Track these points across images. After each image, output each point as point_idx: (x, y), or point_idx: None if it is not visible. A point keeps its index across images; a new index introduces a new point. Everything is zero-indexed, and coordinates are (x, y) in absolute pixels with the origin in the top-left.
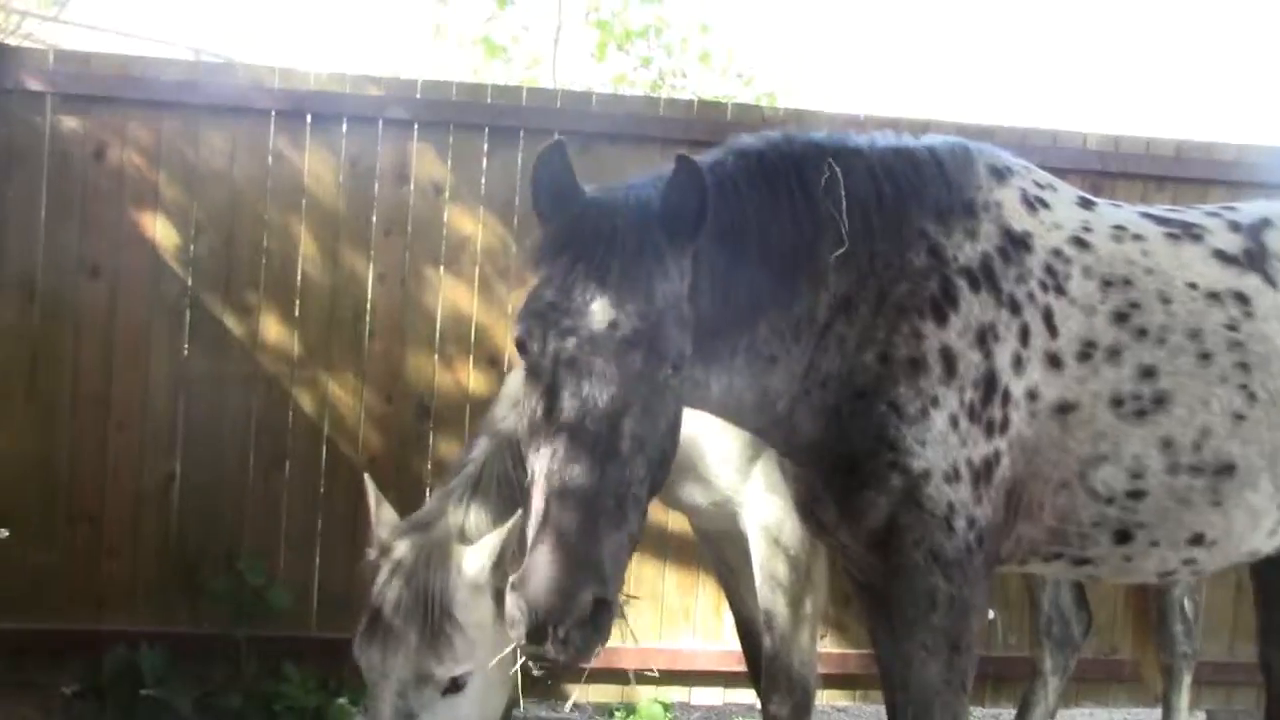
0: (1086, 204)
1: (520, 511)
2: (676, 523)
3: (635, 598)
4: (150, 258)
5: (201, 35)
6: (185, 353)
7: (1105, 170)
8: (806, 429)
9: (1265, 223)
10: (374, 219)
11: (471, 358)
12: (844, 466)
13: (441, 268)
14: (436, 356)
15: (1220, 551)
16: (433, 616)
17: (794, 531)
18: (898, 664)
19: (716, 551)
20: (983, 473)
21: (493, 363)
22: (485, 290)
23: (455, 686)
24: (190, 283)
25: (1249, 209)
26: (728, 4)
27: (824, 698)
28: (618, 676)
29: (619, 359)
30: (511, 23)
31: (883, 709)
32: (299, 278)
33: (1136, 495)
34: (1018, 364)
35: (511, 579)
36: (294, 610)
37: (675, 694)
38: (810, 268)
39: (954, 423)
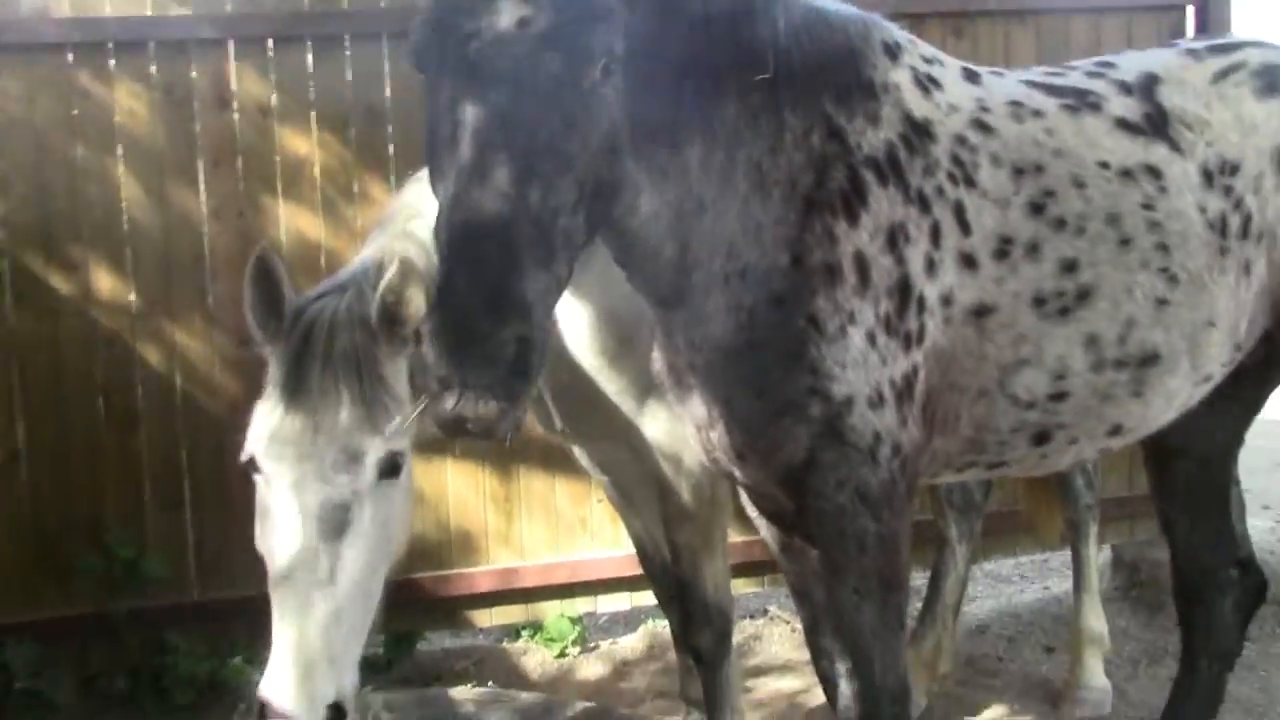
0: (972, 77)
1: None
2: None
3: None
4: None
5: None
6: (10, 320)
7: (965, 10)
8: (716, 325)
9: (1153, 79)
10: (198, 151)
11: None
12: (753, 387)
13: (279, 195)
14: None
15: (1134, 436)
16: (364, 377)
17: (694, 457)
18: (829, 610)
19: (610, 478)
20: (904, 392)
21: None
22: (330, 213)
23: (392, 469)
24: (5, 242)
25: (1127, 64)
26: None
27: (734, 586)
28: (520, 596)
29: (533, 60)
30: None
31: None
32: (125, 224)
33: (1059, 397)
34: (930, 267)
35: (422, 326)
36: (171, 577)
37: (581, 605)
38: (737, 88)
39: (871, 339)
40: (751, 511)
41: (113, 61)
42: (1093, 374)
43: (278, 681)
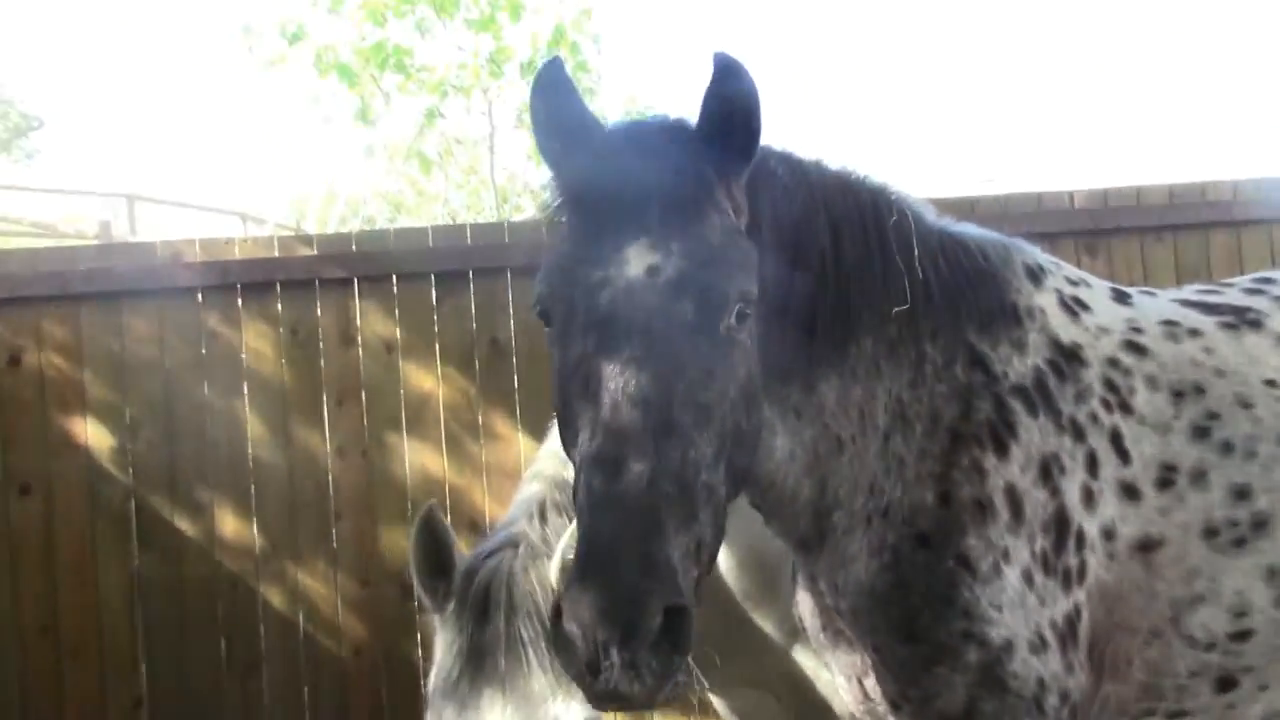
0: (1122, 298)
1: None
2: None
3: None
4: (85, 464)
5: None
6: (136, 562)
7: (1098, 228)
8: (859, 567)
9: None
10: (323, 388)
11: (450, 523)
12: (904, 632)
13: (404, 431)
14: (412, 529)
15: None
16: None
17: (843, 705)
18: None
19: None
20: (1068, 635)
21: (473, 527)
22: (454, 449)
23: None
24: (132, 484)
25: None
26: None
27: None
28: None
29: (665, 309)
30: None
31: None
32: (250, 463)
33: (1241, 636)
34: (1089, 499)
35: (557, 600)
36: None
37: None
38: (872, 321)
39: (1029, 579)
40: None
41: (240, 302)
42: (1277, 609)
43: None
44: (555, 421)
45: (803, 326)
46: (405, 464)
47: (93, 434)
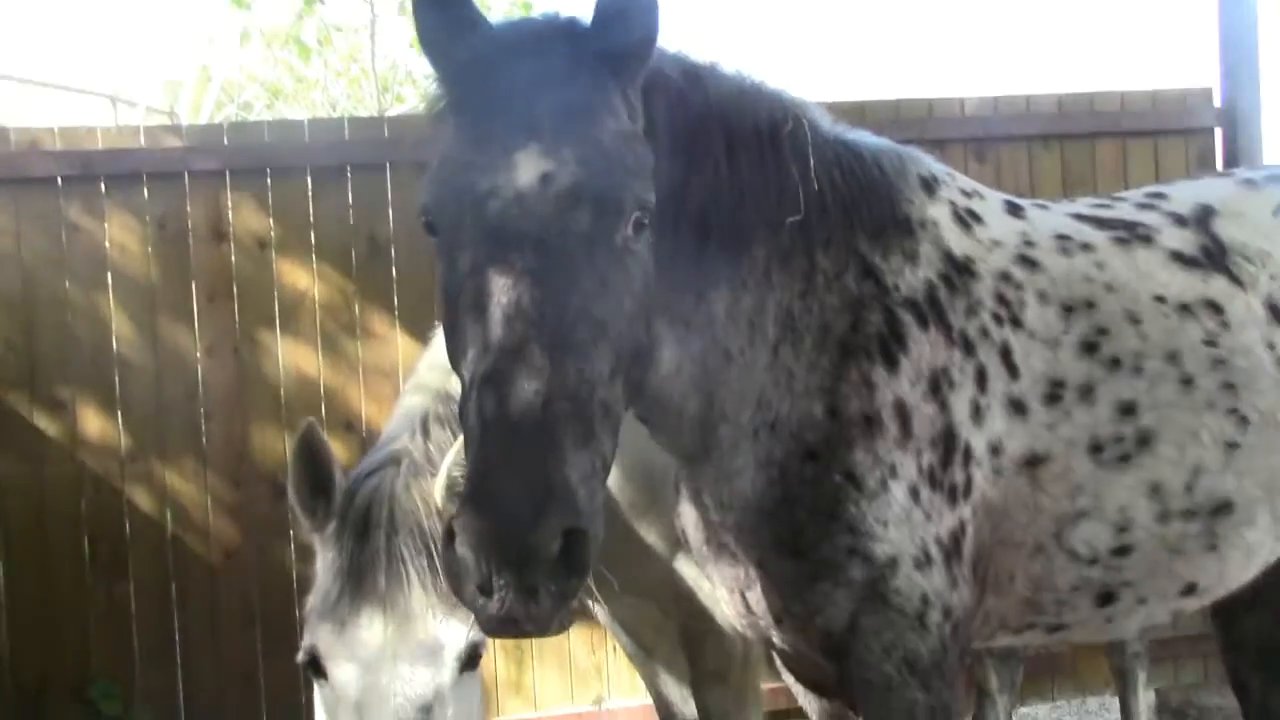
0: (1015, 210)
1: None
2: None
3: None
4: None
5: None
6: None
7: (988, 135)
8: (745, 481)
9: (1208, 211)
10: (193, 285)
11: (325, 425)
12: (789, 546)
13: (278, 330)
14: (285, 430)
15: (1210, 596)
16: (436, 561)
17: (725, 616)
18: None
19: (630, 637)
20: (953, 551)
21: (349, 428)
22: (330, 348)
23: (472, 660)
24: None
25: (1179, 194)
26: None
27: None
28: None
29: (559, 220)
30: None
31: None
32: (115, 362)
33: (1123, 551)
34: (976, 414)
35: (450, 520)
36: None
37: None
38: (765, 230)
39: (915, 494)
40: (788, 678)
41: (104, 193)
42: (1159, 526)
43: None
44: (438, 333)
45: (695, 236)
46: (279, 363)
47: None
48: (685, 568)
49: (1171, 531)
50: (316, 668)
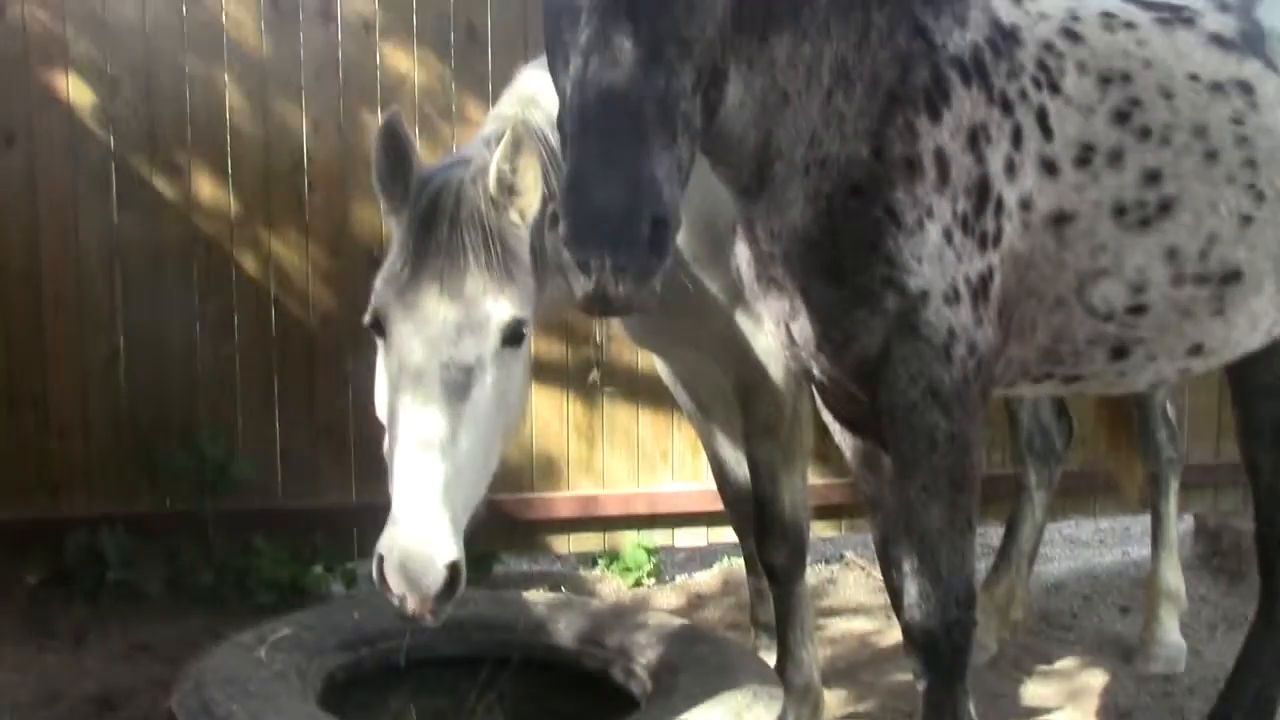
0: None
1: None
2: (645, 362)
3: None
4: (66, 118)
5: None
6: (114, 220)
7: None
8: (795, 213)
9: None
10: (302, 63)
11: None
12: (830, 275)
13: (378, 111)
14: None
15: (1216, 358)
16: (490, 244)
17: (779, 370)
18: (898, 508)
19: (689, 394)
20: (980, 292)
21: None
22: (427, 131)
23: (515, 336)
24: (112, 143)
25: None
26: None
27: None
28: (598, 525)
29: None
30: None
31: (868, 535)
32: (228, 131)
33: (1138, 310)
34: (1010, 169)
35: (555, 205)
36: (258, 482)
37: (659, 538)
38: None
39: (948, 236)
40: (827, 417)
41: None
42: (1172, 288)
43: (397, 539)
44: (523, 70)
45: None
46: None
47: (75, 90)
48: (742, 321)
49: (1183, 294)
50: (379, 328)
